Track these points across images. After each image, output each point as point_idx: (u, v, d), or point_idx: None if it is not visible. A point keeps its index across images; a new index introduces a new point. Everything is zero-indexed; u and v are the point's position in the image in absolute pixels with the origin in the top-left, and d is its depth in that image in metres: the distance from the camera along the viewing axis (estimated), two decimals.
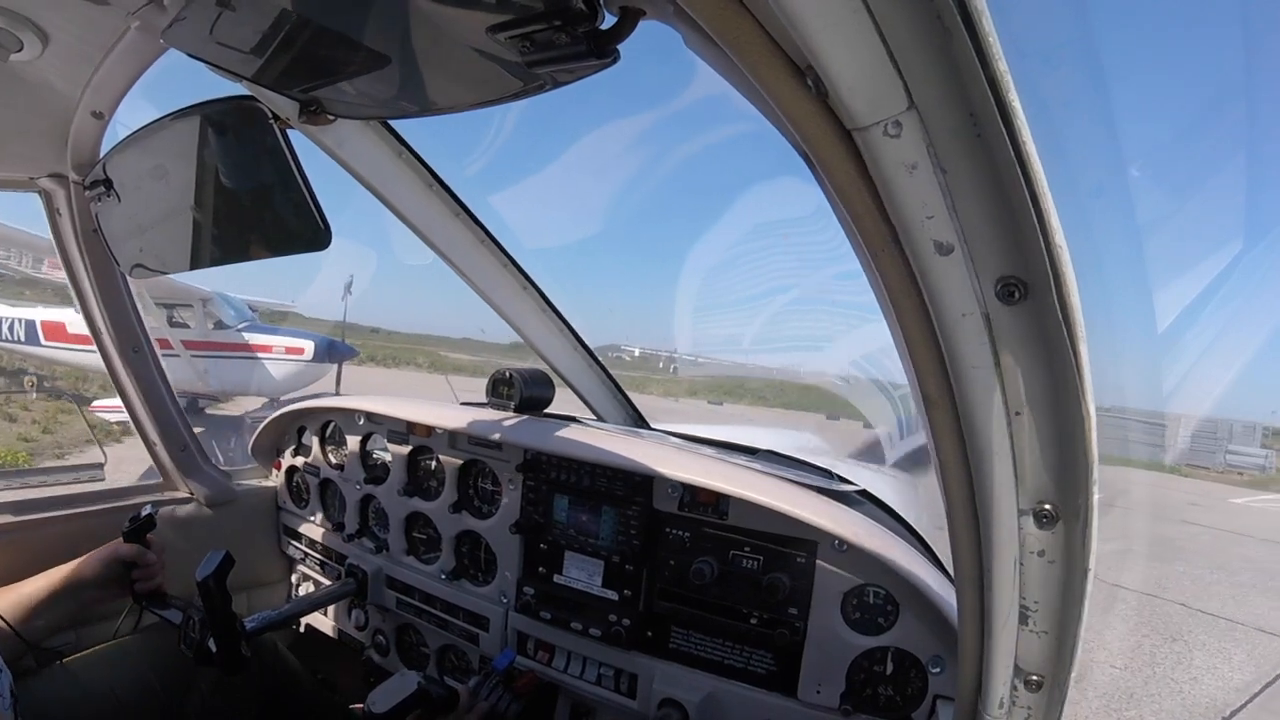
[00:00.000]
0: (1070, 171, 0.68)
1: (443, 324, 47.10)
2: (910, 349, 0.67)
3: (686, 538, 1.58)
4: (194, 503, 2.16)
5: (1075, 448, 0.64)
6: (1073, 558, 0.70)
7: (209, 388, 13.07)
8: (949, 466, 0.72)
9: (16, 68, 1.24)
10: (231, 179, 1.30)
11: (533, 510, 1.78)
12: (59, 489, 1.97)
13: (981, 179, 0.54)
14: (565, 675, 1.70)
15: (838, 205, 0.64)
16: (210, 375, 12.81)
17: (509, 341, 49.13)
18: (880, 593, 1.40)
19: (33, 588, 1.57)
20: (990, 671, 0.84)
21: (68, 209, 1.72)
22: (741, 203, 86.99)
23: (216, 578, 1.47)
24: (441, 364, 32.29)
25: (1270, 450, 25.86)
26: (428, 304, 34.53)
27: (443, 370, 30.00)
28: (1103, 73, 41.81)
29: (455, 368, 32.01)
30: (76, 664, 1.65)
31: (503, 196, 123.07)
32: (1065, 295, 0.56)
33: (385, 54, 0.83)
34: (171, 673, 1.68)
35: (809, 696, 1.44)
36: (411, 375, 27.04)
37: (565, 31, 0.66)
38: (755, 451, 1.92)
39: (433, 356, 34.61)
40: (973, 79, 0.49)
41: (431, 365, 31.98)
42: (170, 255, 1.48)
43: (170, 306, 13.05)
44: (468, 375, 30.17)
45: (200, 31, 0.91)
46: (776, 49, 0.55)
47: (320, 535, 2.27)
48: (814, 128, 0.58)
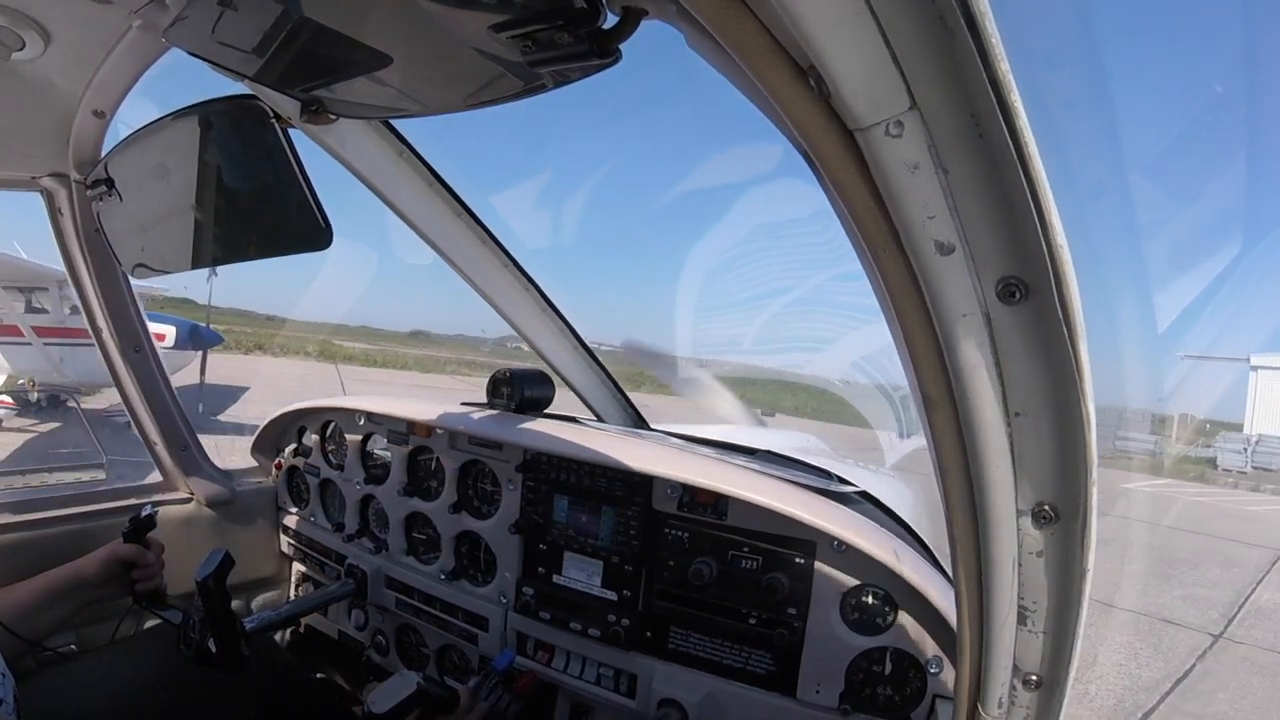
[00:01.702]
0: (1071, 172, 0.68)
1: (344, 312, 47.18)
2: (910, 349, 0.67)
3: (686, 538, 1.58)
4: (194, 503, 2.16)
5: (1075, 448, 0.64)
6: (1071, 558, 0.70)
7: (65, 379, 12.11)
8: (948, 467, 0.72)
9: (18, 66, 1.24)
10: (233, 178, 1.30)
11: (532, 510, 1.78)
12: (59, 489, 1.97)
13: (983, 179, 0.54)
14: (565, 675, 1.70)
15: (839, 205, 0.65)
16: (66, 365, 11.87)
17: (408, 330, 47.23)
18: (879, 593, 1.40)
19: (33, 588, 1.57)
20: (989, 671, 0.84)
21: (69, 208, 1.72)
22: (741, 203, 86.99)
23: (216, 578, 1.47)
24: (333, 352, 31.53)
25: (1158, 435, 25.95)
26: (333, 292, 34.54)
27: (334, 359, 29.60)
28: (1104, 74, 41.85)
29: (347, 357, 31.70)
30: (76, 664, 1.65)
31: (503, 196, 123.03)
32: (1065, 295, 0.56)
33: (387, 53, 0.83)
34: (171, 673, 1.68)
35: (808, 696, 1.44)
36: (293, 364, 25.57)
37: (567, 31, 0.66)
38: (754, 452, 1.93)
39: (324, 345, 33.49)
40: (975, 79, 0.50)
41: (322, 354, 30.57)
42: (172, 254, 1.48)
43: (28, 291, 12.24)
44: (359, 364, 29.86)
45: (202, 30, 0.91)
46: (779, 49, 0.55)
47: (320, 535, 2.27)
48: (816, 127, 0.58)
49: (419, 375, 30.14)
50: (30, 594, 1.56)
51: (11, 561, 1.67)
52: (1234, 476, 22.36)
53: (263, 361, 25.76)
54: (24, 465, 9.02)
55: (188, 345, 13.00)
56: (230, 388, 16.44)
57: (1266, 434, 24.99)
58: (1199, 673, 6.40)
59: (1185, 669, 6.42)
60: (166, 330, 12.54)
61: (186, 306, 20.25)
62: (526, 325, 2.10)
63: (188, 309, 19.48)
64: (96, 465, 7.40)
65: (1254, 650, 7.06)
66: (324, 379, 21.31)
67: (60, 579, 1.60)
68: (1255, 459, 23.51)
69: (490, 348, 54.13)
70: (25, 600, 1.54)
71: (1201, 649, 6.97)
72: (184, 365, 12.83)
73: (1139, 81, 65.79)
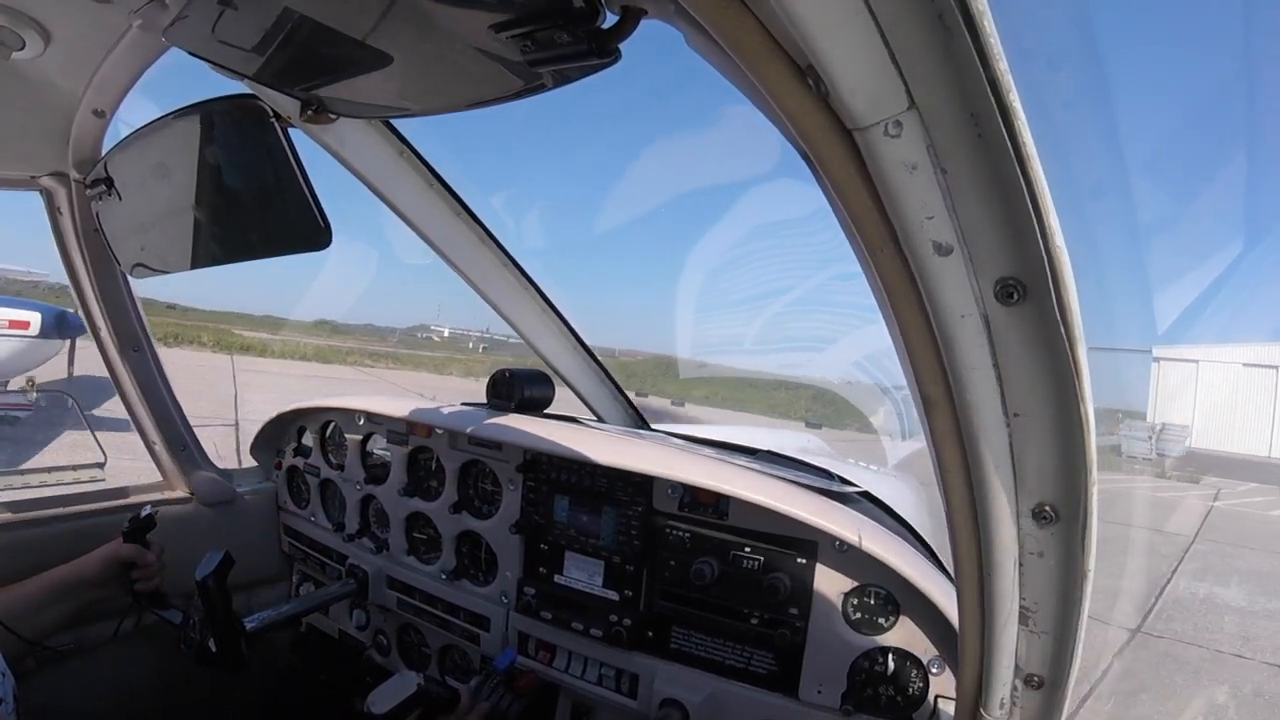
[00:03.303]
0: (1070, 172, 0.69)
1: (248, 301, 46.65)
2: (909, 350, 0.68)
3: (687, 538, 1.58)
4: (194, 503, 2.16)
5: (1074, 448, 0.64)
6: (1072, 558, 0.70)
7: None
8: (949, 468, 0.72)
9: (18, 66, 1.24)
10: (233, 178, 1.30)
11: (533, 511, 1.78)
12: (59, 489, 1.97)
13: (981, 180, 0.54)
14: (566, 675, 1.70)
15: (837, 205, 0.64)
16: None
17: (312, 319, 46.86)
18: (881, 593, 1.40)
19: (33, 588, 1.57)
20: (991, 672, 0.84)
21: (69, 208, 1.72)
22: (740, 203, 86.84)
23: (216, 577, 1.47)
24: (230, 342, 30.62)
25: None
26: (239, 281, 34.24)
27: (229, 349, 28.76)
28: (1103, 74, 41.83)
29: (244, 346, 30.91)
30: (76, 664, 1.65)
31: (503, 196, 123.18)
32: (1064, 296, 0.56)
33: (387, 53, 0.83)
34: (171, 673, 1.68)
35: (810, 697, 1.44)
36: (183, 354, 23.34)
37: (567, 30, 0.66)
38: (755, 452, 1.93)
39: (221, 334, 32.55)
40: (974, 80, 0.50)
41: (217, 344, 29.57)
42: (171, 254, 1.48)
43: None
44: (255, 355, 29.23)
45: (202, 30, 0.91)
46: (777, 48, 0.55)
47: (320, 535, 2.27)
48: (814, 127, 0.58)
49: (319, 366, 29.17)
50: (30, 593, 1.56)
51: (11, 561, 1.67)
52: (1140, 463, 23.14)
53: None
54: None
55: (53, 334, 11.61)
56: (105, 380, 15.47)
57: (1170, 422, 26.18)
58: (1117, 673, 6.08)
59: (1103, 670, 6.08)
60: (30, 317, 11.33)
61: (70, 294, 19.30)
62: (526, 325, 2.10)
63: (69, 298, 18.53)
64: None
65: (1174, 644, 6.77)
66: (215, 368, 20.88)
67: (60, 579, 1.60)
68: (1159, 446, 24.53)
69: (399, 338, 53.38)
70: (25, 600, 1.55)
71: (1119, 645, 6.65)
72: (51, 355, 11.66)
73: (1138, 82, 65.80)
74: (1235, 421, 29.55)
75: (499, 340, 36.24)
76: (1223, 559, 10.44)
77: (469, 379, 26.46)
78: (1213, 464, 22.53)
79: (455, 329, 48.92)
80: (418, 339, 55.00)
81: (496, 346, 36.27)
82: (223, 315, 46.95)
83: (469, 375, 29.32)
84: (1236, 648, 6.83)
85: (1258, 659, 6.59)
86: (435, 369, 35.28)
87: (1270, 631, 7.32)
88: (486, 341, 37.44)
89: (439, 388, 21.90)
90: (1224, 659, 6.55)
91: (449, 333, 51.05)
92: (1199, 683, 6.00)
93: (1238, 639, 7.07)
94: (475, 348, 38.20)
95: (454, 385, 23.90)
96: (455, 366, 34.68)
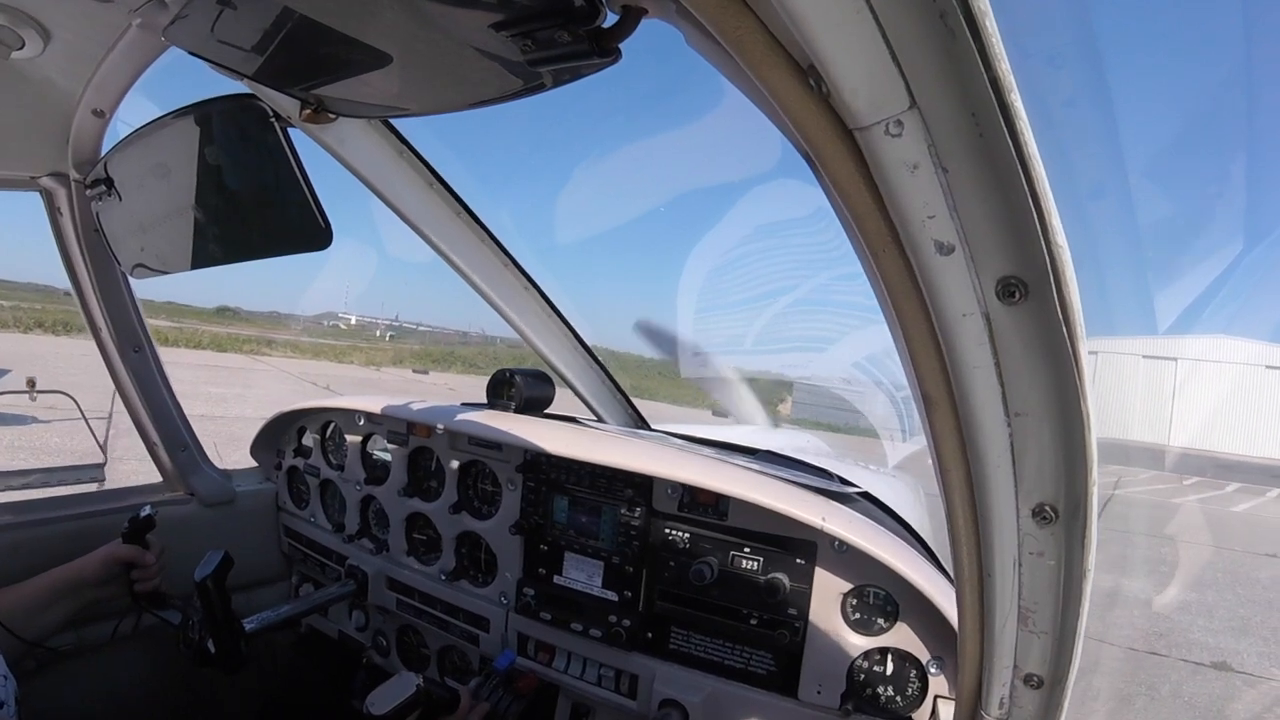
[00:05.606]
0: (1071, 172, 0.69)
1: (149, 288, 46.33)
2: (910, 349, 0.67)
3: (686, 538, 1.58)
4: (194, 503, 2.16)
5: (1075, 448, 0.64)
6: (1072, 558, 0.70)
7: None
8: (949, 467, 0.72)
9: (18, 65, 1.24)
10: (233, 177, 1.30)
11: (532, 511, 1.78)
12: (59, 490, 1.97)
13: (983, 179, 0.54)
14: (565, 676, 1.70)
15: (838, 205, 0.64)
16: None
17: (213, 306, 47.47)
18: (880, 593, 1.40)
19: (33, 588, 1.57)
20: (990, 672, 0.84)
21: (69, 208, 1.72)
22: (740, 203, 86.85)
23: (215, 578, 1.47)
24: None
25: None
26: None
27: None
28: (1105, 73, 41.87)
29: None
30: (76, 664, 1.65)
31: (503, 196, 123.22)
32: (1065, 295, 0.56)
33: (387, 53, 0.83)
34: (171, 673, 1.68)
35: (809, 697, 1.44)
36: (75, 343, 22.50)
37: (567, 30, 0.66)
38: (755, 452, 1.93)
39: None
40: (975, 79, 0.49)
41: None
42: (172, 254, 1.48)
43: None
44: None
45: (202, 29, 0.91)
46: (778, 48, 0.55)
47: (320, 536, 2.27)
48: (815, 127, 0.58)
49: (213, 354, 28.90)
50: (30, 594, 1.56)
51: (11, 561, 1.67)
52: None
53: (40, 341, 24.40)
54: None
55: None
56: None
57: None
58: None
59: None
60: None
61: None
62: (527, 325, 2.10)
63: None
64: None
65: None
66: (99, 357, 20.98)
67: (60, 579, 1.60)
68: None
69: (302, 325, 52.92)
70: (25, 600, 1.54)
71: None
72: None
73: (1140, 82, 65.82)
74: (1135, 411, 30.23)
75: (408, 328, 35.94)
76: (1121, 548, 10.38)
77: (368, 368, 26.03)
78: (1114, 454, 22.69)
79: (363, 317, 48.35)
80: (323, 327, 55.13)
81: (404, 334, 35.98)
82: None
83: (369, 364, 28.99)
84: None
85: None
86: (335, 357, 35.16)
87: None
88: (394, 329, 37.22)
89: (333, 376, 21.49)
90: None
91: (355, 320, 50.42)
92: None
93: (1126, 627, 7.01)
94: (382, 336, 37.90)
95: (349, 374, 23.56)
96: (357, 356, 34.37)
